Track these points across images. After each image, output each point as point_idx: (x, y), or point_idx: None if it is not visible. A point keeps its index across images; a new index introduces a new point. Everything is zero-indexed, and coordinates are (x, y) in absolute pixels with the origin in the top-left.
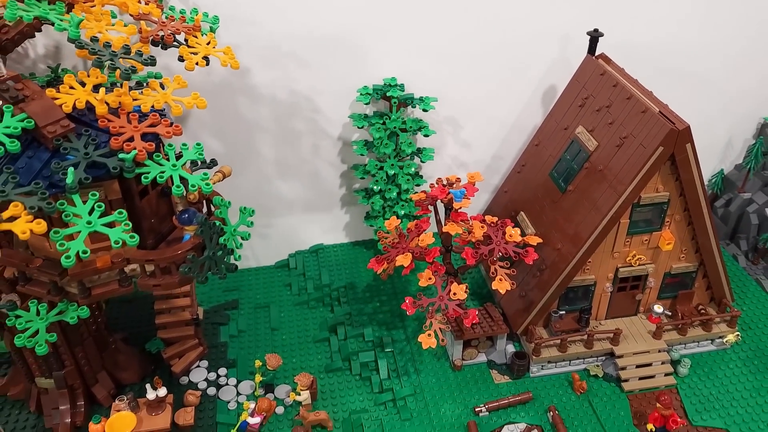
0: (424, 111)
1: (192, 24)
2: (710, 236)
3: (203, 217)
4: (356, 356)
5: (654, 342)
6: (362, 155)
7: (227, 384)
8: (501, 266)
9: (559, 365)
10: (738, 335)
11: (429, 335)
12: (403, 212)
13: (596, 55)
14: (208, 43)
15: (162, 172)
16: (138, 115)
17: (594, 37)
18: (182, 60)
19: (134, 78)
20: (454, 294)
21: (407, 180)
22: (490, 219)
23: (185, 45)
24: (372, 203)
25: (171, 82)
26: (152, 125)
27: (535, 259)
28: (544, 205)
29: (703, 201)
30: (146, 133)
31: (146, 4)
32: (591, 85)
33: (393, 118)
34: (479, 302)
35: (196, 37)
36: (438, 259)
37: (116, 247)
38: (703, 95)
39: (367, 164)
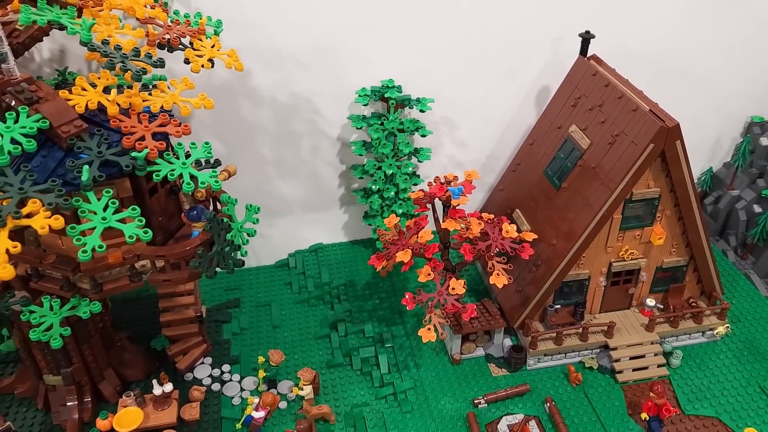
0: (422, 112)
1: (197, 27)
2: (700, 230)
3: (212, 214)
4: (357, 352)
5: (647, 334)
6: (361, 155)
7: (231, 380)
8: (498, 261)
9: (555, 358)
10: (728, 327)
11: (429, 329)
12: (401, 211)
13: (588, 57)
14: (213, 46)
15: (172, 170)
16: (148, 115)
17: (585, 39)
18: (188, 62)
19: (133, 81)
20: (453, 289)
21: (405, 179)
22: (487, 216)
23: (191, 48)
24: (370, 202)
25: (178, 84)
26: (162, 125)
27: (531, 255)
28: (539, 203)
29: (693, 196)
30: (156, 133)
31: (152, 9)
32: (583, 86)
33: (391, 119)
34: (476, 298)
35: (201, 41)
36: (436, 256)
37: (130, 242)
38: (692, 96)
39: (366, 164)
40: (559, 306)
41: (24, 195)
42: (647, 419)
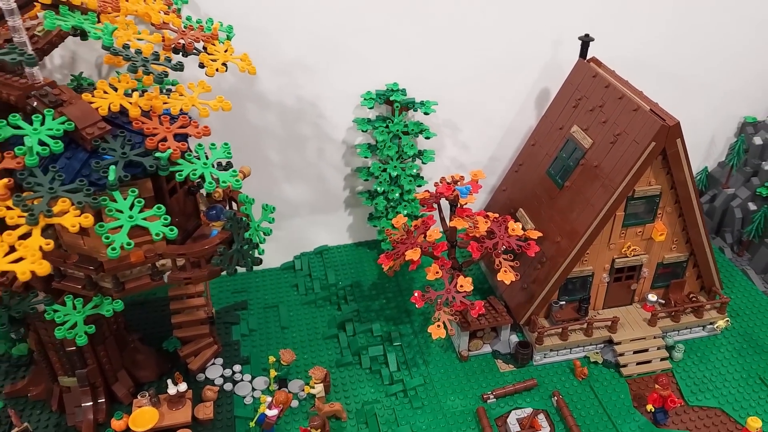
0: (425, 114)
1: (210, 33)
2: (700, 226)
3: (231, 213)
4: (366, 350)
5: (649, 329)
6: (366, 158)
7: (242, 380)
8: (505, 259)
9: (561, 353)
10: (728, 321)
11: (438, 326)
12: (406, 212)
13: (588, 59)
14: (226, 51)
15: (194, 170)
16: (168, 117)
17: (585, 42)
18: (203, 66)
19: (155, 84)
20: (461, 286)
21: (409, 181)
22: (492, 215)
23: (205, 52)
24: (376, 204)
25: (196, 87)
26: (182, 126)
27: (537, 252)
28: (542, 202)
29: (693, 193)
30: (176, 134)
31: (166, 15)
32: (584, 87)
33: (395, 122)
34: (481, 296)
35: (214, 45)
36: (444, 254)
37: (157, 239)
38: (688, 98)
39: (371, 166)
40: (564, 302)
41: (54, 195)
42: (653, 410)
